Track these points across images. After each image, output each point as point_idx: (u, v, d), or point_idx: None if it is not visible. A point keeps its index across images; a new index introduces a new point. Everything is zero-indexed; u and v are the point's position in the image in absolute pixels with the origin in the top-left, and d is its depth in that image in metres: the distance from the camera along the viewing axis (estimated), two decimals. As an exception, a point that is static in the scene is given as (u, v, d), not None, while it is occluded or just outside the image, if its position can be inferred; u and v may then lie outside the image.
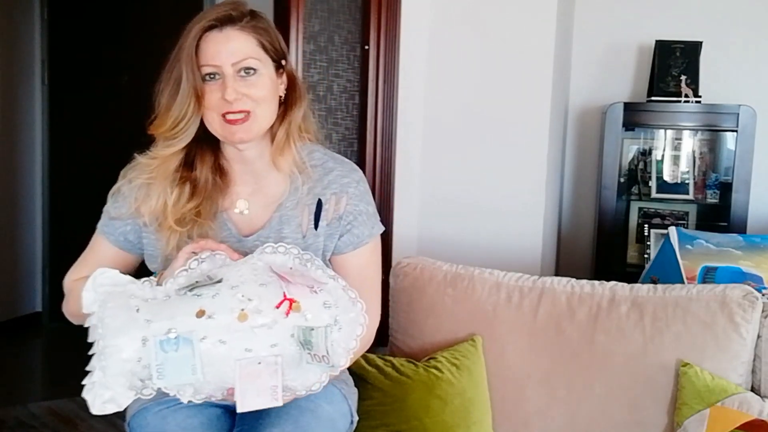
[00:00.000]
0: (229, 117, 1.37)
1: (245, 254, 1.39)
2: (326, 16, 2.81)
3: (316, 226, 1.45)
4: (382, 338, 1.94)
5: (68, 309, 1.48)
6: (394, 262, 1.97)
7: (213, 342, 1.23)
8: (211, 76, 1.37)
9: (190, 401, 1.29)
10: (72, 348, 4.34)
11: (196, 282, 1.30)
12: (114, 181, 1.52)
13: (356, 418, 1.56)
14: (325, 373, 1.32)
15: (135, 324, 1.24)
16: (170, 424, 1.41)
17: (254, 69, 1.38)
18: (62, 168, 4.50)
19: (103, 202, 1.52)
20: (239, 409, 1.26)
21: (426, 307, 1.88)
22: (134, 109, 1.49)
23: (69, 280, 1.51)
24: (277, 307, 1.25)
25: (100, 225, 1.50)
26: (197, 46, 1.37)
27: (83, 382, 1.27)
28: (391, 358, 1.78)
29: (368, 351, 1.76)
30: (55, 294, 4.56)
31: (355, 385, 1.66)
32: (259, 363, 1.24)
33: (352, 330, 1.31)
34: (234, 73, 1.37)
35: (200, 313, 1.23)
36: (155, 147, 1.43)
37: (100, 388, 1.25)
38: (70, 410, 3.23)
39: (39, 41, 4.45)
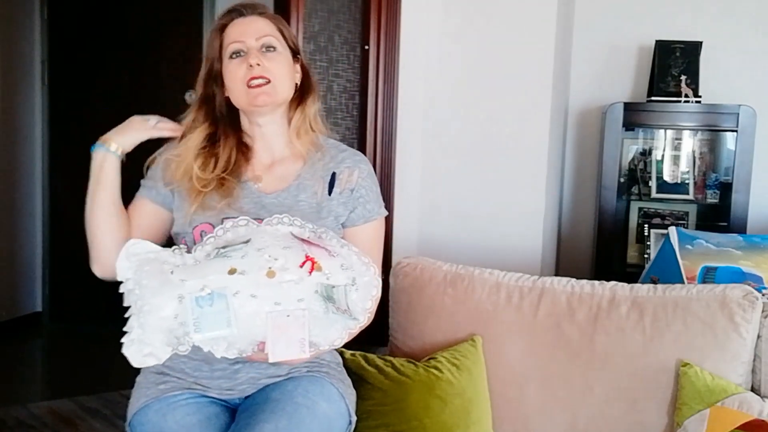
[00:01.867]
0: (253, 83, 1.51)
1: (263, 207, 1.52)
2: (326, 16, 2.81)
3: (330, 193, 1.58)
4: (382, 338, 1.94)
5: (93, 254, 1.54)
6: (394, 263, 1.97)
7: (245, 296, 1.33)
8: (237, 53, 1.53)
9: (223, 356, 1.37)
10: (72, 348, 4.33)
11: (224, 246, 1.39)
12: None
13: (354, 418, 1.57)
14: (345, 330, 1.42)
15: (171, 284, 1.34)
16: (169, 422, 1.44)
17: (274, 47, 1.55)
18: (62, 168, 4.50)
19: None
20: (271, 359, 1.35)
21: (426, 307, 1.88)
22: (134, 109, 1.55)
23: None
24: (301, 266, 1.36)
25: (141, 182, 1.61)
26: (225, 31, 1.56)
27: (122, 340, 1.35)
28: (391, 358, 1.78)
29: (368, 351, 1.76)
30: (55, 294, 4.56)
31: (355, 385, 1.66)
32: (288, 316, 1.34)
33: (367, 291, 1.42)
34: (257, 47, 1.53)
35: (231, 271, 1.34)
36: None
37: (140, 344, 1.35)
38: (70, 410, 3.23)
39: (39, 41, 4.45)
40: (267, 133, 1.60)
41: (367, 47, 2.82)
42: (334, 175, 1.59)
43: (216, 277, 1.33)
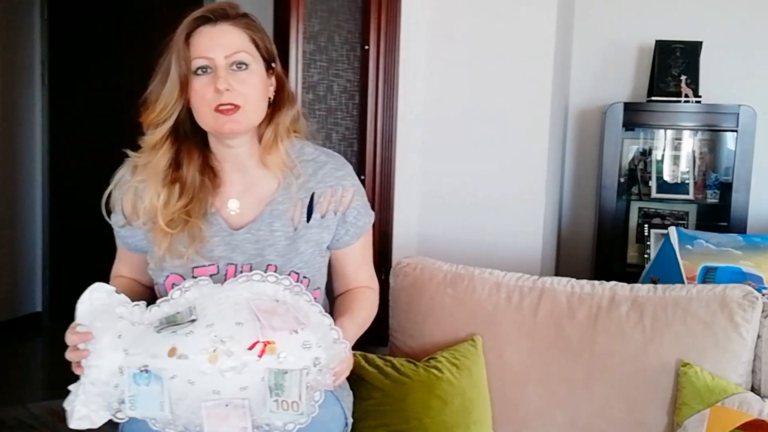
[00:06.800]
0: (221, 108, 1.37)
1: (236, 248, 1.42)
2: (326, 16, 2.81)
3: (308, 219, 1.46)
4: (382, 338, 1.94)
5: None
6: (394, 262, 1.97)
7: (182, 381, 1.25)
8: (203, 69, 1.38)
9: (161, 431, 1.31)
10: (72, 348, 4.27)
11: (177, 313, 1.30)
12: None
13: (350, 420, 1.55)
14: (294, 423, 1.29)
15: (116, 351, 1.28)
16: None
17: (246, 64, 1.39)
18: (62, 168, 4.50)
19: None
20: None
21: (426, 307, 1.87)
22: (134, 109, 1.51)
23: (110, 278, 1.58)
24: (250, 348, 1.24)
25: (114, 232, 1.54)
26: (190, 40, 1.39)
27: (69, 388, 1.32)
28: (391, 358, 1.78)
29: (368, 351, 1.76)
30: (55, 294, 4.56)
31: (355, 385, 1.66)
32: (227, 405, 1.25)
33: (332, 365, 1.30)
34: (226, 65, 1.38)
35: (172, 352, 1.25)
36: (143, 137, 1.45)
37: (79, 404, 1.30)
38: (70, 410, 3.23)
39: (39, 41, 4.45)
40: (237, 153, 1.46)
41: (367, 47, 2.82)
42: (313, 196, 1.47)
43: (156, 356, 1.25)
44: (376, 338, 1.58)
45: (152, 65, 1.48)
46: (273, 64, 1.47)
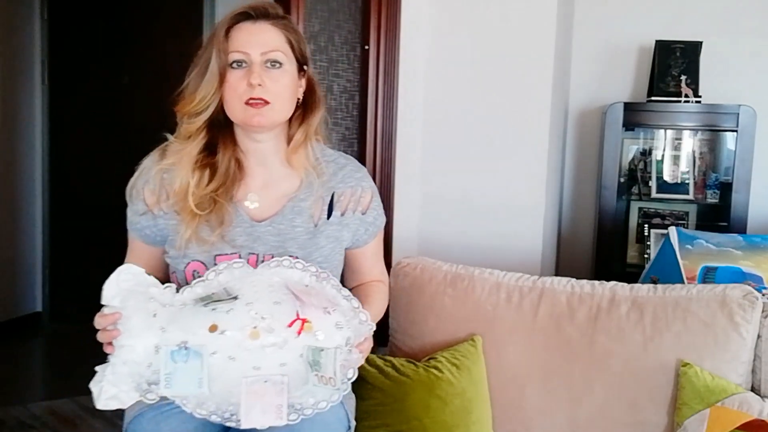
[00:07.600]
0: (251, 101, 1.43)
1: (257, 238, 1.45)
2: (326, 16, 2.81)
3: (329, 216, 1.52)
4: (382, 338, 1.94)
5: None
6: (394, 262, 1.97)
7: (222, 357, 1.28)
8: (239, 63, 1.44)
9: (192, 412, 1.32)
10: (72, 348, 4.34)
11: (213, 294, 1.32)
12: (113, 180, 1.53)
13: (353, 423, 1.55)
14: (327, 401, 1.34)
15: (150, 329, 1.30)
16: (164, 430, 1.42)
17: (280, 63, 1.46)
18: (62, 168, 4.50)
19: (103, 202, 1.54)
20: (243, 425, 1.29)
21: (426, 307, 1.88)
22: (134, 109, 1.52)
23: None
24: (289, 326, 1.29)
25: (128, 223, 1.56)
26: (230, 34, 1.45)
27: (96, 368, 1.33)
28: (391, 358, 1.78)
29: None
30: (55, 294, 4.56)
31: (355, 385, 1.65)
32: (266, 381, 1.28)
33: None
34: (261, 62, 1.44)
35: (213, 328, 1.28)
36: (179, 127, 1.51)
37: (108, 384, 1.31)
38: (70, 410, 3.23)
39: (39, 41, 4.45)
40: (263, 148, 1.52)
41: (367, 47, 2.82)
42: (333, 195, 1.53)
43: (196, 333, 1.27)
44: (376, 338, 1.58)
45: (152, 65, 1.50)
46: (305, 67, 1.53)
